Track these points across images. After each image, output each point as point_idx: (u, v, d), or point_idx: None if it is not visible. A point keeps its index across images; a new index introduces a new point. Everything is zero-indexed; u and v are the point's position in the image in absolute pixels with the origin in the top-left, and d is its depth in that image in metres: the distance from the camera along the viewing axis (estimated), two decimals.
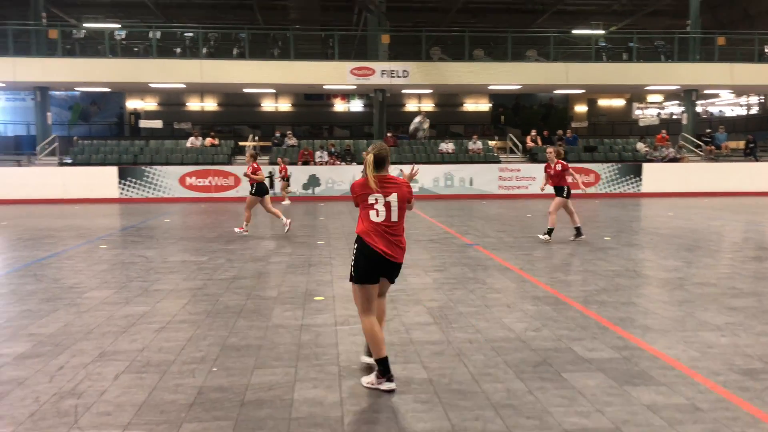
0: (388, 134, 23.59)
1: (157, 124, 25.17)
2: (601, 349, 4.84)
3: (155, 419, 3.62)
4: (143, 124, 25.74)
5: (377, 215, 4.12)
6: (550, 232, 10.59)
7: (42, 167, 20.94)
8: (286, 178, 19.70)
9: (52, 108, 24.66)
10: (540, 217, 15.20)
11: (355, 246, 4.18)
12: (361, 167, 4.31)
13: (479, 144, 23.79)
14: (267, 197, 11.70)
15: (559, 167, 10.48)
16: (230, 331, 5.41)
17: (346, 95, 37.37)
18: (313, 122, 37.01)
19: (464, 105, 38.41)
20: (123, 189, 20.21)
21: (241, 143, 24.89)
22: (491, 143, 25.75)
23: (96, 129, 36.23)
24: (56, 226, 13.49)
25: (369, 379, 4.12)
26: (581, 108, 38.15)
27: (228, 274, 7.98)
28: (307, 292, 6.90)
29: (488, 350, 4.85)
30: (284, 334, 5.29)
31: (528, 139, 24.42)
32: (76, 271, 8.23)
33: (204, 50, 22.19)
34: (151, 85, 22.93)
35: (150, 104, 37.43)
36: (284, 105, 38.01)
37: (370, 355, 4.28)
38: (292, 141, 23.38)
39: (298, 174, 20.85)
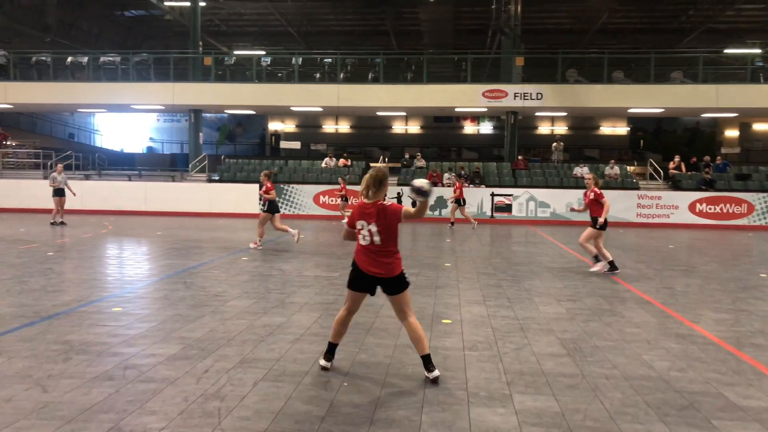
0: (519, 157, 23.19)
1: (296, 145, 26.54)
2: (758, 398, 4.39)
3: (290, 428, 3.77)
4: (283, 145, 27.26)
5: (363, 239, 4.68)
6: (610, 263, 9.90)
7: (192, 183, 22.76)
8: (344, 198, 19.74)
9: (203, 129, 26.79)
10: (683, 248, 14.19)
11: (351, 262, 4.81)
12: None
13: (616, 169, 22.71)
14: (277, 215, 12.40)
15: (592, 195, 9.90)
16: (360, 347, 5.53)
17: (476, 117, 37.30)
18: (441, 144, 37.28)
19: (600, 128, 36.94)
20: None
21: (371, 164, 25.56)
22: (629, 168, 24.51)
23: (240, 148, 38.93)
24: (203, 237, 14.56)
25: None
26: (732, 132, 35.30)
27: None
28: (434, 314, 6.90)
29: (626, 388, 4.57)
30: (412, 355, 5.31)
31: (671, 165, 22.97)
32: (220, 280, 8.81)
33: (341, 75, 23.14)
34: (292, 108, 24.27)
35: (289, 126, 39.62)
36: (413, 127, 38.65)
37: (326, 356, 4.95)
38: (420, 163, 23.66)
39: None
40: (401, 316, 4.80)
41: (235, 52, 29.20)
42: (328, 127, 39.46)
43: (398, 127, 38.66)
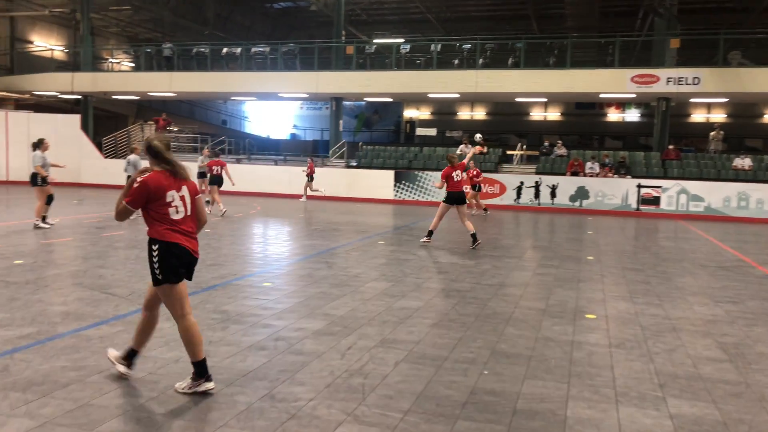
0: (670, 147, 21.63)
1: (431, 132, 26.62)
2: None
3: (432, 410, 3.80)
4: (419, 132, 27.41)
5: (177, 212, 3.95)
6: (429, 234, 11.05)
7: (332, 168, 23.60)
8: (310, 176, 20.54)
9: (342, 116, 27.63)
10: None
11: (156, 248, 3.89)
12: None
13: None
14: (214, 187, 15.10)
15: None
16: (499, 337, 5.45)
17: (622, 104, 35.25)
18: (583, 132, 35.66)
19: (764, 116, 33.47)
20: (397, 191, 21.80)
21: (508, 152, 25.05)
22: None
23: (376, 135, 39.75)
24: (342, 220, 15.08)
25: (184, 384, 3.97)
26: None
27: (494, 280, 8.07)
28: (577, 308, 6.63)
29: None
30: (554, 348, 5.15)
31: None
32: (359, 262, 9.08)
33: (480, 61, 22.81)
34: (429, 95, 24.34)
35: (424, 113, 39.82)
36: (553, 114, 37.32)
37: (125, 360, 4.14)
38: (561, 151, 22.81)
39: (565, 185, 20.25)
40: (181, 312, 4.00)
41: (375, 41, 29.77)
42: (463, 113, 39.17)
43: (536, 114, 37.51)
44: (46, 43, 30.42)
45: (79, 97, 26.61)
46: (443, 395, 4.05)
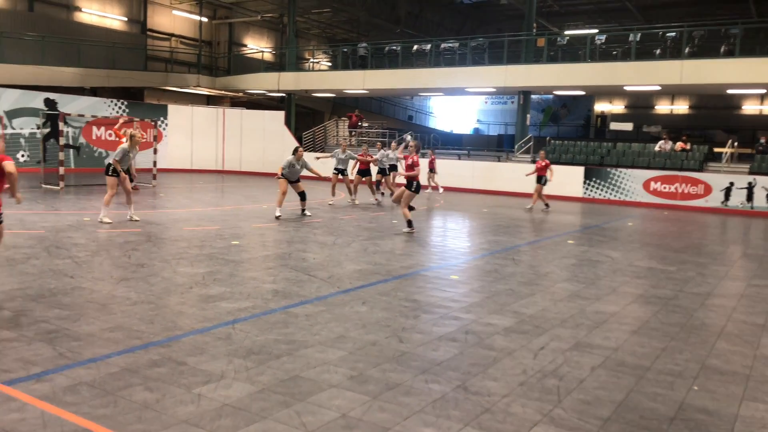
0: None
1: (627, 126, 25.01)
2: None
3: (635, 421, 3.58)
4: (614, 126, 25.89)
5: None
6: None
7: (517, 164, 23.15)
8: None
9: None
10: None
11: None
12: None
13: None
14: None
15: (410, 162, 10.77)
16: (709, 351, 4.97)
17: None
18: None
19: None
20: (587, 189, 20.80)
21: (716, 149, 22.67)
22: None
23: (563, 130, 38.25)
24: (526, 217, 14.74)
25: None
26: None
27: (701, 288, 7.36)
28: None
29: None
30: None
31: None
32: (548, 261, 8.81)
33: (686, 50, 20.89)
34: (625, 87, 22.85)
35: (617, 107, 37.50)
36: None
37: None
38: None
39: None
40: None
41: (568, 32, 28.61)
42: (662, 107, 36.23)
43: (750, 107, 33.52)
44: (257, 46, 33.58)
45: (284, 95, 28.98)
46: (647, 407, 3.79)
